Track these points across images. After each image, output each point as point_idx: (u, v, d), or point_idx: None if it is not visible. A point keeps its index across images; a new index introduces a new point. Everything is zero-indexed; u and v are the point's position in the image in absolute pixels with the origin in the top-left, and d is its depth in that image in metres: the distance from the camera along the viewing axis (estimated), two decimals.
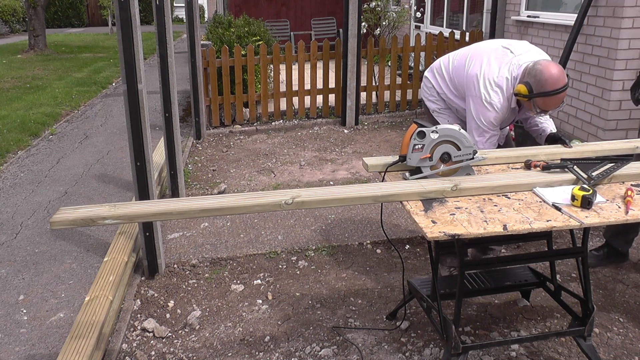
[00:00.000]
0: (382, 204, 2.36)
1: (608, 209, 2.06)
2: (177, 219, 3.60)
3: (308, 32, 12.14)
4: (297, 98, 7.22)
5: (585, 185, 2.15)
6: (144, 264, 3.41)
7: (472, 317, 2.90)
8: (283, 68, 7.90)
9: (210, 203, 2.05)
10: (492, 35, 6.72)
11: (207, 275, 3.44)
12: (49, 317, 3.08)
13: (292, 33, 11.93)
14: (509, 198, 2.19)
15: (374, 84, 7.21)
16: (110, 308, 2.91)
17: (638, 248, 3.54)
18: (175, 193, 4.51)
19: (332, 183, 4.97)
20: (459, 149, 2.31)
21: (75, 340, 2.57)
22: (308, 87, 7.19)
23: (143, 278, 3.41)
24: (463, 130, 2.31)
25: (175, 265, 3.54)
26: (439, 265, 2.77)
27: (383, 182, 2.36)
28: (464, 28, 8.13)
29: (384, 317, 2.92)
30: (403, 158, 2.36)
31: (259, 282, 3.33)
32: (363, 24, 7.22)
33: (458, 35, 7.31)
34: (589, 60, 4.94)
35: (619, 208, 2.07)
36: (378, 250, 3.67)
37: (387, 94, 7.48)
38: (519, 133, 4.11)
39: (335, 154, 5.83)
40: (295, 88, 7.06)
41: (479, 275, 2.75)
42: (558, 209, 2.06)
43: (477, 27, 7.66)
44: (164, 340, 2.82)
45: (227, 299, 3.17)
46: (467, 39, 7.05)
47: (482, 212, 2.07)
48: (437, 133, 2.28)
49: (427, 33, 7.39)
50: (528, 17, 6.04)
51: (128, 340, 2.83)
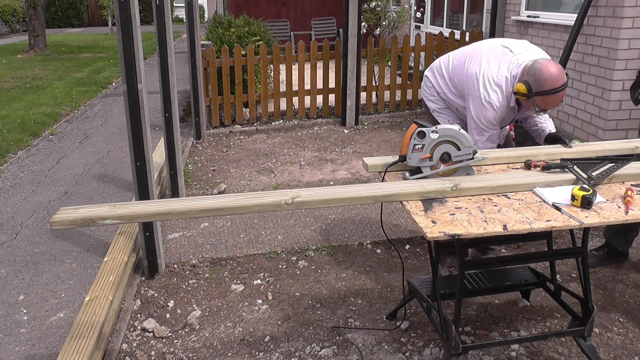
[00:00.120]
0: (382, 204, 2.36)
1: (608, 209, 2.06)
2: (177, 219, 3.60)
3: (308, 32, 12.14)
4: (297, 98, 7.22)
5: (585, 185, 2.15)
6: (144, 264, 3.41)
7: (472, 317, 2.90)
8: (283, 68, 7.90)
9: (211, 203, 2.05)
10: (492, 35, 6.72)
11: (207, 275, 3.44)
12: (49, 317, 3.08)
13: (292, 33, 11.93)
14: (509, 198, 2.19)
15: (374, 84, 7.21)
16: (110, 308, 2.91)
17: (638, 248, 3.54)
18: (175, 193, 4.51)
19: (332, 183, 4.97)
20: (459, 149, 2.31)
21: (75, 340, 2.57)
22: (308, 87, 7.19)
23: (143, 278, 3.42)
24: (463, 130, 2.31)
25: (175, 265, 3.54)
26: (439, 265, 2.77)
27: (383, 182, 2.36)
28: (464, 28, 8.13)
29: (384, 317, 2.92)
30: (403, 158, 2.36)
31: (259, 282, 3.34)
32: (363, 24, 7.22)
33: (458, 35, 7.31)
34: (589, 60, 4.94)
35: (619, 208, 2.07)
36: (378, 250, 3.67)
37: (387, 94, 7.48)
38: (519, 133, 4.11)
39: (335, 154, 5.83)
40: (295, 88, 7.06)
41: (479, 275, 2.75)
42: (558, 209, 2.06)
43: (477, 27, 7.66)
44: (164, 340, 2.82)
45: (227, 299, 3.17)
46: (467, 39, 7.04)
47: (482, 212, 2.07)
48: (437, 133, 2.28)
49: (427, 33, 7.39)
50: (528, 17, 6.04)
51: (128, 340, 2.83)
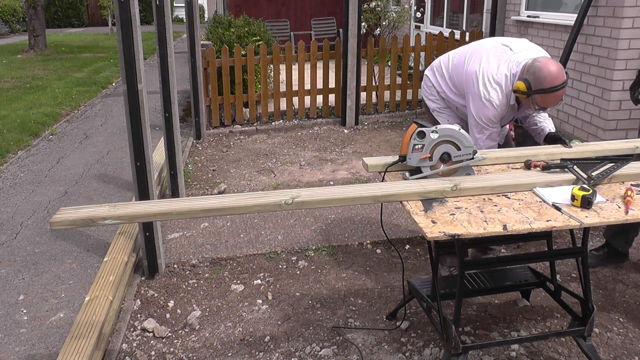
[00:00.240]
0: (382, 204, 2.36)
1: (608, 209, 2.06)
2: (177, 219, 3.60)
3: (308, 32, 12.14)
4: (297, 98, 7.22)
5: (585, 185, 2.15)
6: (144, 264, 3.41)
7: (472, 317, 2.90)
8: (283, 68, 7.90)
9: (211, 203, 2.05)
10: (492, 35, 6.72)
11: (207, 275, 3.44)
12: (49, 317, 3.08)
13: (292, 33, 11.93)
14: (509, 198, 2.19)
15: (374, 84, 7.21)
16: (110, 308, 2.91)
17: (638, 248, 3.54)
18: (175, 193, 4.51)
19: (332, 183, 4.97)
20: (459, 149, 2.31)
21: (75, 340, 2.57)
22: (308, 87, 7.19)
23: (143, 278, 3.42)
24: (463, 130, 2.31)
25: (175, 265, 3.54)
26: (439, 265, 2.77)
27: (383, 182, 2.36)
28: (464, 28, 8.13)
29: (384, 317, 2.92)
30: (403, 158, 2.36)
31: (259, 282, 3.34)
32: (363, 24, 7.22)
33: (458, 35, 7.30)
34: (589, 60, 4.94)
35: (619, 208, 2.07)
36: (378, 250, 3.67)
37: (387, 94, 7.48)
38: (519, 133, 4.11)
39: (335, 154, 5.83)
40: (295, 88, 7.05)
41: (479, 275, 2.75)
42: (558, 209, 2.06)
43: (477, 27, 7.66)
44: (164, 340, 2.82)
45: (227, 299, 3.17)
46: (467, 39, 7.04)
47: (482, 212, 2.07)
48: (437, 133, 2.28)
49: (427, 33, 7.39)
50: (528, 17, 6.04)
51: (128, 340, 2.83)
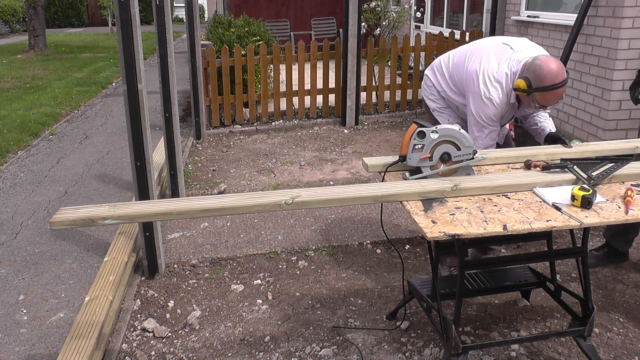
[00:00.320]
0: (382, 204, 2.36)
1: (608, 209, 2.06)
2: (177, 219, 3.60)
3: (308, 32, 12.14)
4: (297, 98, 7.22)
5: (585, 185, 2.15)
6: (144, 264, 3.41)
7: (472, 317, 2.90)
8: (283, 68, 7.90)
9: (211, 203, 2.05)
10: (492, 35, 6.72)
11: (207, 275, 3.44)
12: (49, 317, 3.08)
13: (292, 33, 11.93)
14: (509, 198, 2.19)
15: (374, 84, 7.21)
16: (110, 308, 2.91)
17: (638, 248, 3.54)
18: (175, 193, 4.51)
19: (332, 183, 4.97)
20: (459, 149, 2.31)
21: (75, 340, 2.57)
22: (308, 87, 7.19)
23: (143, 278, 3.42)
24: (463, 130, 2.31)
25: (175, 265, 3.54)
26: (439, 265, 2.77)
27: (383, 182, 2.36)
28: (464, 28, 8.13)
29: (384, 317, 2.92)
30: (403, 158, 2.36)
31: (259, 282, 3.34)
32: (363, 24, 7.22)
33: (458, 35, 7.30)
34: (589, 60, 4.94)
35: (619, 208, 2.07)
36: (378, 250, 3.67)
37: (387, 94, 7.48)
38: (519, 133, 4.11)
39: (335, 154, 5.83)
40: (295, 88, 7.05)
41: (479, 275, 2.75)
42: (558, 209, 2.06)
43: (477, 27, 7.66)
44: (164, 340, 2.82)
45: (227, 299, 3.17)
46: (467, 39, 7.04)
47: (482, 212, 2.07)
48: (437, 133, 2.28)
49: (427, 33, 7.39)
50: (528, 17, 6.04)
51: (128, 340, 2.83)
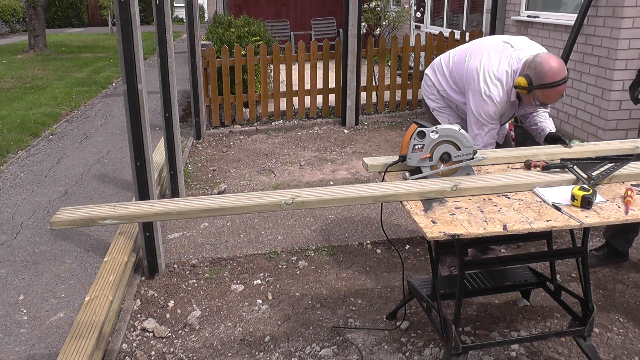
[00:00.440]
0: (382, 204, 2.36)
1: (608, 209, 2.06)
2: (177, 219, 3.59)
3: (308, 32, 12.14)
4: (297, 98, 7.22)
5: (585, 185, 2.15)
6: (144, 264, 3.41)
7: (472, 317, 2.90)
8: (283, 68, 7.90)
9: (211, 203, 2.05)
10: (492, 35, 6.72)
11: (207, 275, 3.44)
12: (49, 317, 3.08)
13: (292, 33, 11.93)
14: (509, 198, 2.19)
15: (374, 84, 7.21)
16: (110, 308, 2.91)
17: (638, 248, 3.54)
18: (175, 193, 4.51)
19: (332, 183, 4.97)
20: (459, 149, 2.31)
21: (75, 340, 2.57)
22: (308, 87, 7.19)
23: (143, 278, 3.42)
24: (463, 130, 2.31)
25: (175, 265, 3.54)
26: (439, 265, 2.77)
27: (383, 182, 2.36)
28: (464, 28, 8.13)
29: (384, 317, 2.92)
30: (403, 158, 2.36)
31: (259, 282, 3.34)
32: (363, 24, 7.22)
33: (458, 35, 7.30)
34: (589, 60, 4.94)
35: (619, 208, 2.07)
36: (378, 250, 3.67)
37: (387, 94, 7.48)
38: (519, 133, 4.11)
39: (335, 154, 5.83)
40: (295, 88, 7.05)
41: (479, 275, 2.75)
42: (558, 209, 2.06)
43: (477, 27, 7.66)
44: (164, 340, 2.82)
45: (227, 299, 3.17)
46: (467, 39, 7.04)
47: (482, 212, 2.07)
48: (437, 133, 2.28)
49: (427, 33, 7.39)
50: (528, 17, 6.04)
51: (128, 340, 2.83)
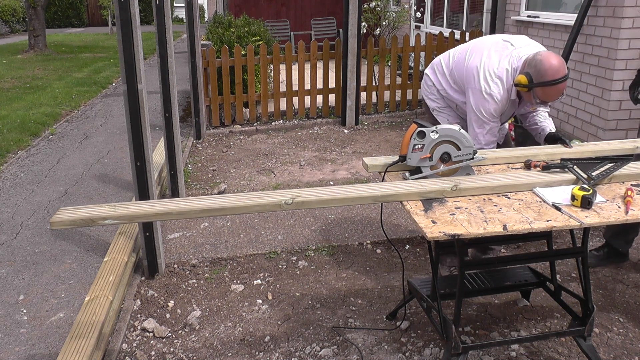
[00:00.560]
0: (382, 204, 2.36)
1: (608, 209, 2.06)
2: (177, 219, 3.60)
3: (308, 32, 12.14)
4: (297, 98, 7.22)
5: (585, 185, 2.15)
6: (144, 264, 3.41)
7: (472, 317, 2.90)
8: (283, 68, 7.90)
9: (211, 203, 2.05)
10: None
11: (207, 275, 3.44)
12: (49, 317, 3.08)
13: (292, 33, 11.93)
14: (509, 198, 2.19)
15: (374, 84, 7.21)
16: (110, 308, 2.91)
17: (638, 248, 3.54)
18: (175, 193, 4.51)
19: (332, 183, 4.97)
20: (459, 149, 2.31)
21: (75, 340, 2.57)
22: (308, 87, 7.19)
23: (143, 278, 3.42)
24: (463, 130, 2.31)
25: (175, 265, 3.54)
26: (439, 265, 2.77)
27: (383, 182, 2.36)
28: (464, 28, 8.14)
29: (384, 317, 2.92)
30: (403, 158, 2.36)
31: (259, 282, 3.34)
32: (363, 24, 7.22)
33: (458, 35, 7.30)
34: (589, 60, 4.94)
35: (619, 208, 2.07)
36: (378, 250, 3.67)
37: (387, 94, 7.48)
38: (519, 133, 4.10)
39: (335, 154, 5.83)
40: (295, 88, 7.05)
41: (479, 275, 2.75)
42: (558, 209, 2.06)
43: (477, 27, 7.66)
44: (164, 340, 2.82)
45: (227, 299, 3.17)
46: (467, 39, 7.04)
47: (482, 212, 2.07)
48: (437, 133, 2.28)
49: (427, 33, 7.39)
50: (528, 17, 6.04)
51: (128, 340, 2.83)
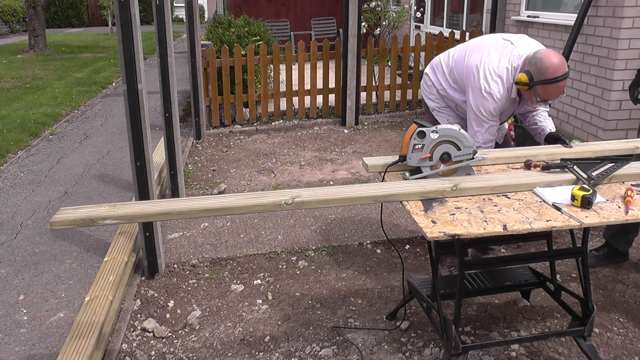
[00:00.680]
0: (382, 204, 2.36)
1: (608, 209, 2.06)
2: (177, 219, 3.59)
3: (308, 32, 12.14)
4: (297, 98, 7.22)
5: (585, 185, 2.15)
6: (144, 264, 3.41)
7: (472, 317, 2.90)
8: (283, 68, 7.90)
9: (211, 203, 2.05)
10: None
11: (207, 275, 3.44)
12: (49, 317, 3.08)
13: (292, 33, 11.93)
14: (509, 198, 2.19)
15: (374, 84, 7.21)
16: (110, 308, 2.91)
17: (638, 248, 3.54)
18: (175, 193, 4.51)
19: (332, 183, 4.97)
20: (459, 149, 2.31)
21: (75, 340, 2.57)
22: (308, 87, 7.19)
23: (143, 278, 3.42)
24: (463, 130, 2.31)
25: (175, 265, 3.54)
26: (439, 265, 2.77)
27: (383, 182, 2.36)
28: (464, 28, 8.13)
29: (384, 317, 2.92)
30: (403, 158, 2.36)
31: (259, 282, 3.34)
32: (363, 24, 7.22)
33: (458, 35, 7.31)
34: (589, 60, 4.94)
35: (619, 208, 2.07)
36: (378, 250, 3.67)
37: (387, 94, 7.48)
38: (519, 133, 4.10)
39: (335, 154, 5.83)
40: (295, 88, 7.05)
41: (479, 275, 2.75)
42: (558, 209, 2.06)
43: (477, 27, 7.66)
44: (164, 340, 2.82)
45: (227, 299, 3.17)
46: (467, 39, 7.02)
47: (482, 212, 2.07)
48: (437, 133, 2.28)
49: (427, 33, 7.39)
50: (528, 17, 6.04)
51: (128, 340, 2.83)
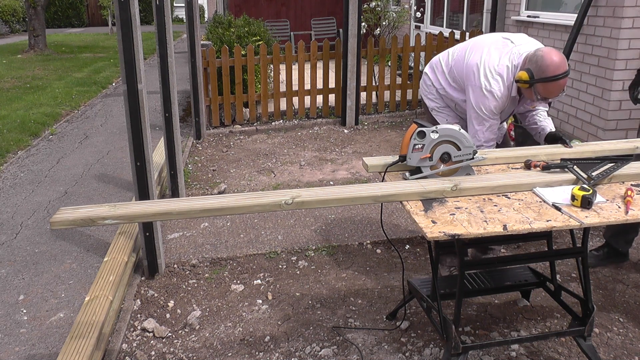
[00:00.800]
0: (382, 204, 2.36)
1: (608, 209, 2.06)
2: (177, 219, 3.59)
3: (308, 32, 12.14)
4: (297, 98, 7.22)
5: (585, 185, 2.15)
6: (144, 264, 3.41)
7: (472, 317, 2.90)
8: (283, 68, 7.90)
9: (211, 203, 2.05)
10: None
11: (207, 275, 3.44)
12: (49, 317, 3.08)
13: (292, 33, 11.93)
14: (509, 198, 2.19)
15: (374, 84, 7.21)
16: (110, 308, 2.91)
17: (638, 248, 3.54)
18: (175, 193, 4.51)
19: (332, 183, 4.97)
20: (459, 149, 2.31)
21: (75, 340, 2.57)
22: (308, 87, 7.19)
23: (143, 278, 3.42)
24: (463, 130, 2.31)
25: (175, 265, 3.54)
26: (439, 265, 2.77)
27: (383, 182, 2.36)
28: (464, 28, 8.14)
29: (384, 317, 2.92)
30: (403, 158, 2.36)
31: (259, 282, 3.34)
32: (363, 24, 7.22)
33: (458, 35, 7.31)
34: (589, 60, 4.94)
35: (619, 208, 2.07)
36: (378, 250, 3.67)
37: (387, 94, 7.48)
38: (519, 133, 4.10)
39: (335, 154, 5.83)
40: (295, 88, 7.05)
41: (479, 275, 2.75)
42: (558, 209, 2.06)
43: (477, 27, 7.66)
44: (164, 340, 2.82)
45: (227, 299, 3.17)
46: (467, 39, 7.02)
47: (482, 212, 2.07)
48: (437, 133, 2.28)
49: (427, 33, 7.39)
50: (528, 17, 6.04)
51: (128, 340, 2.83)
